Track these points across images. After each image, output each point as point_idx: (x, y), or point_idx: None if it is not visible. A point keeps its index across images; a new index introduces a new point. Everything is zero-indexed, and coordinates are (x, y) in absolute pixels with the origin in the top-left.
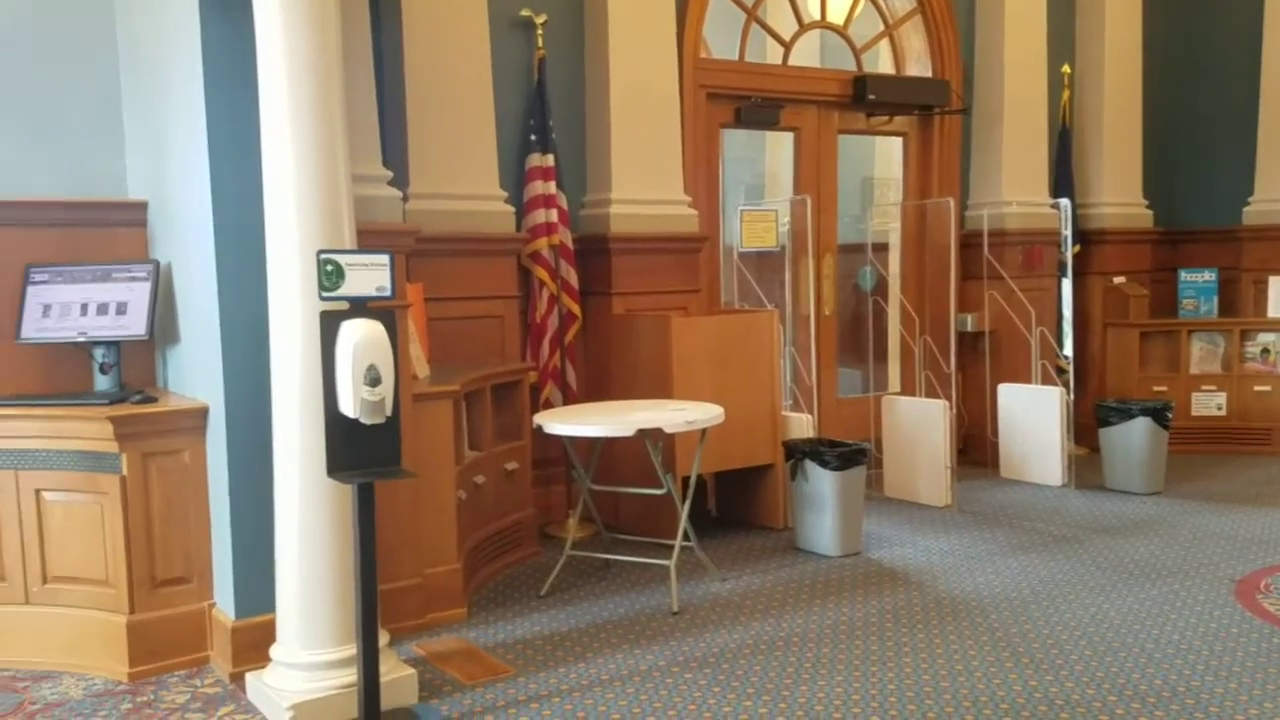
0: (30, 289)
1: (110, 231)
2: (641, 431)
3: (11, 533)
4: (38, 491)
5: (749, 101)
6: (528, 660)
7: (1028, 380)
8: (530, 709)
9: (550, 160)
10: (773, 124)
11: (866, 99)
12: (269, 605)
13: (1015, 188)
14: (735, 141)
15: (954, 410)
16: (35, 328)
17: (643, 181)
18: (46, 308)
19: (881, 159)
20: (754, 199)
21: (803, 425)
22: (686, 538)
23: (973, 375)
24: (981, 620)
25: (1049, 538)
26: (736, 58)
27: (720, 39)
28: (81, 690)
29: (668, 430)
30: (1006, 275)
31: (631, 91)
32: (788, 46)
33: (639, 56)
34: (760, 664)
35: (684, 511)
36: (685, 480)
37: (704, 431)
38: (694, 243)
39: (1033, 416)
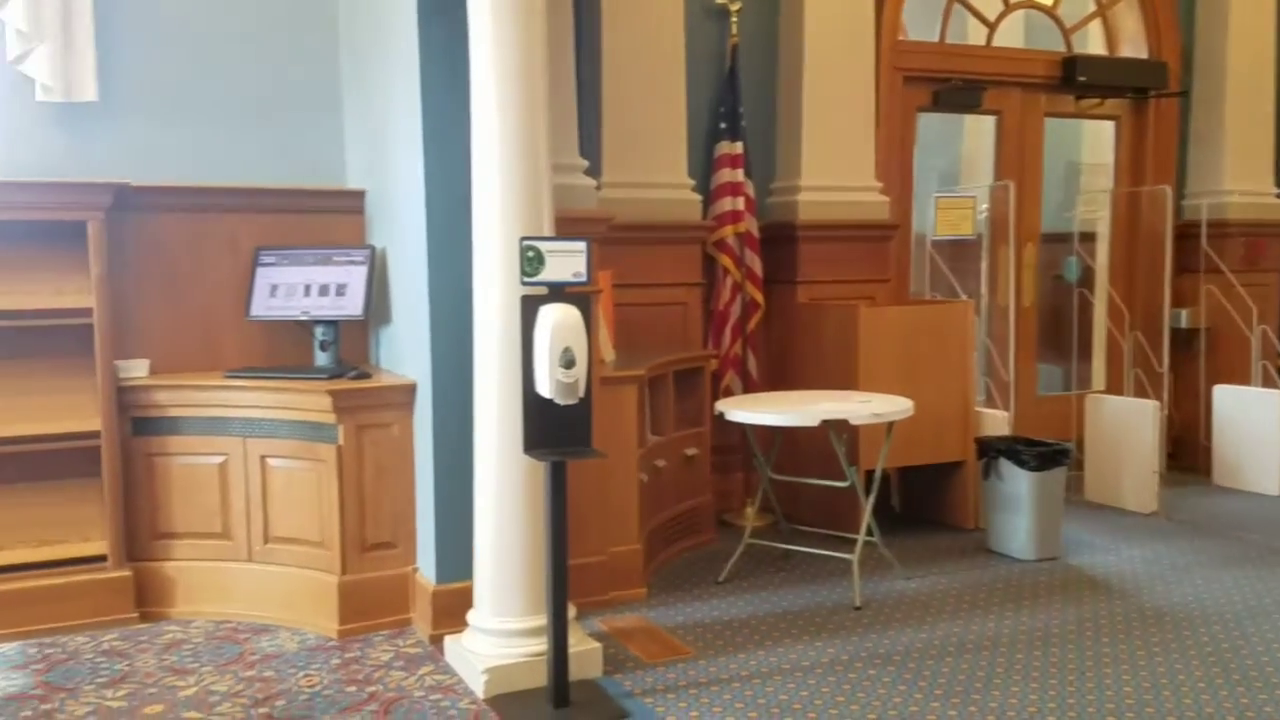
0: (259, 270)
1: (332, 218)
2: (826, 422)
3: (238, 495)
4: (263, 458)
5: (948, 84)
6: (706, 643)
7: (1246, 382)
8: (710, 691)
9: (739, 148)
10: (974, 106)
11: (1076, 81)
12: (467, 572)
13: (1238, 176)
14: (929, 126)
15: (1165, 411)
16: (263, 306)
17: (833, 168)
18: (274, 288)
19: (1090, 143)
20: (948, 186)
21: (998, 422)
22: (870, 533)
23: (1185, 375)
24: (1189, 634)
25: (1266, 550)
26: (936, 39)
27: (919, 21)
28: (296, 644)
29: (853, 422)
30: (1226, 269)
31: (825, 76)
32: (992, 27)
33: (834, 40)
34: (949, 666)
35: (868, 506)
36: (869, 474)
37: (890, 425)
38: (884, 230)
39: (1251, 420)
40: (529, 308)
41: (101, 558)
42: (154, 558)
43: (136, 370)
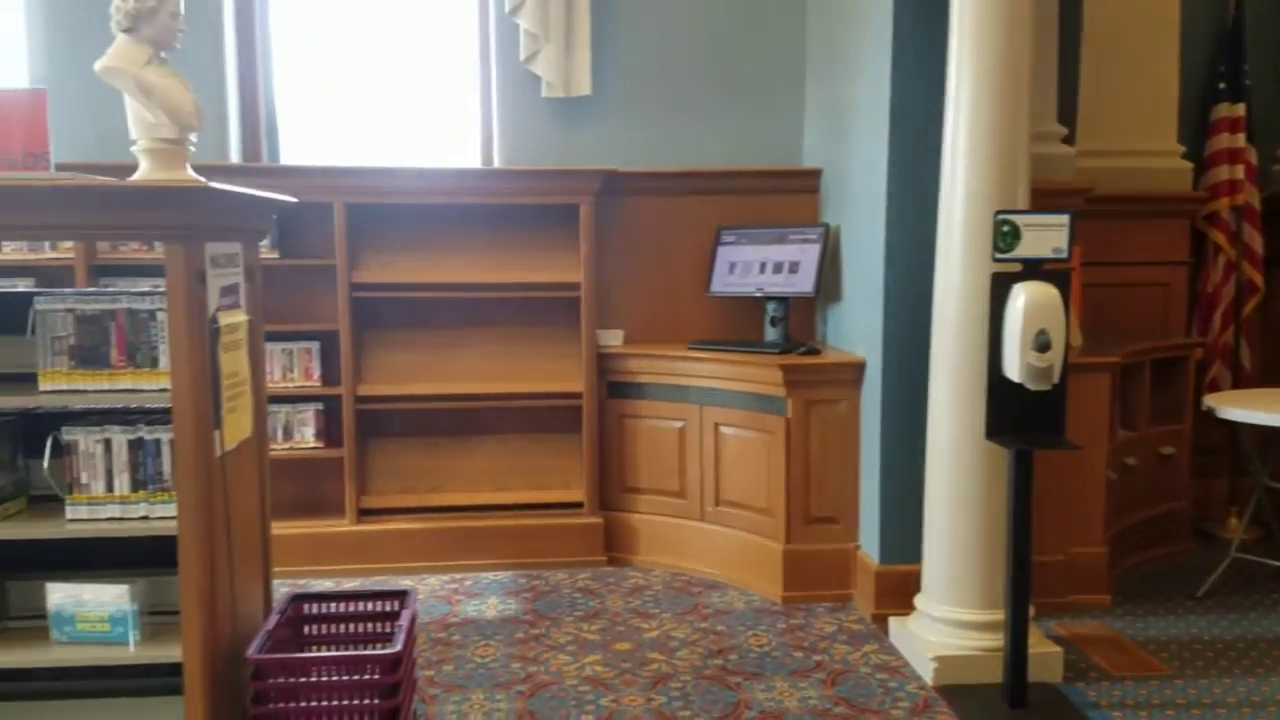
0: (720, 249)
1: (788, 198)
2: None
3: (693, 458)
4: (716, 425)
5: None
6: (1184, 662)
7: None
8: (1191, 715)
9: (1241, 110)
10: None
11: None
12: (912, 556)
13: None
14: None
15: None
16: (722, 283)
17: None
18: (732, 265)
19: None
20: None
21: None
22: None
23: None
24: None
25: None
26: None
27: None
28: (744, 603)
29: None
30: None
31: None
32: None
33: None
34: None
35: None
36: None
37: None
38: None
39: None
40: (1000, 285)
41: (579, 504)
42: (622, 508)
43: (613, 339)
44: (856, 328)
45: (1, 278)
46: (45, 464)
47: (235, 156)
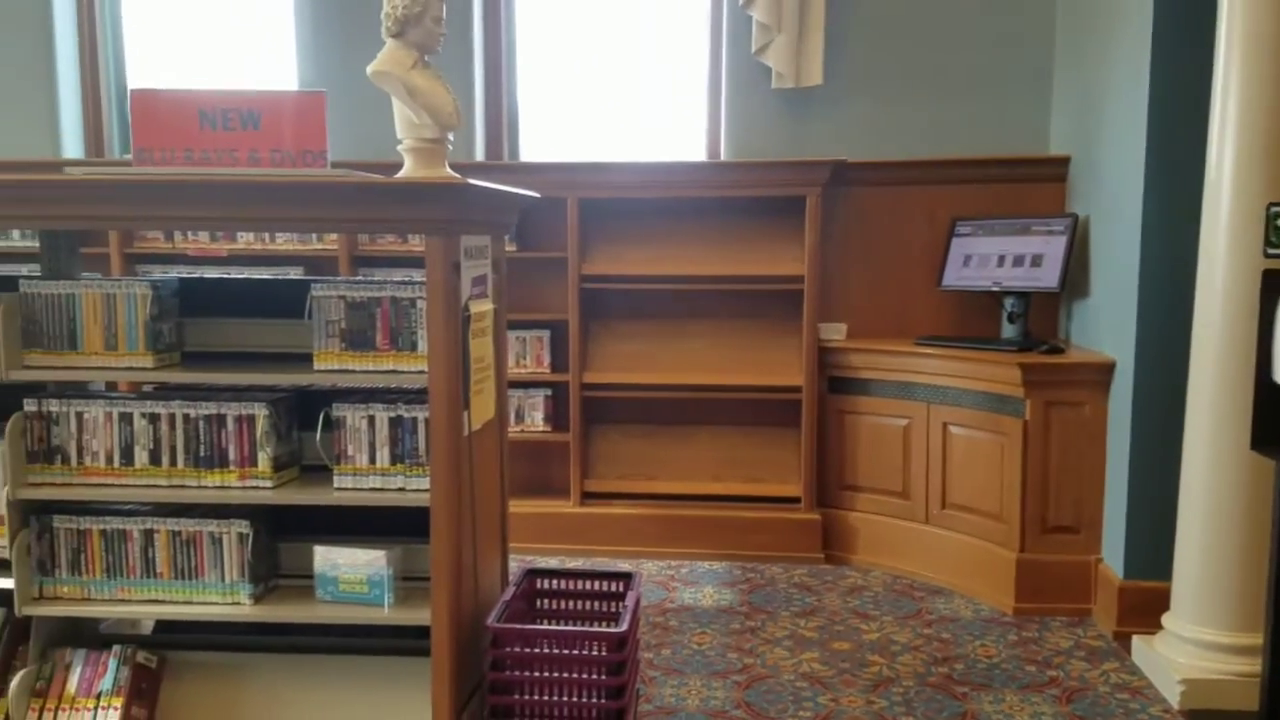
0: (955, 240)
1: (1030, 187)
2: None
3: (919, 458)
4: (945, 424)
5: None
6: None
7: None
8: None
9: None
10: None
11: None
12: (1160, 571)
13: None
14: None
15: None
16: (955, 276)
17: None
18: (967, 258)
19: None
20: None
21: None
22: None
23: None
24: None
25: None
26: None
27: None
28: (970, 612)
29: None
30: None
31: None
32: None
33: None
34: None
35: None
36: None
37: None
38: None
39: None
40: (1271, 284)
41: (796, 499)
42: (840, 506)
43: (835, 333)
44: (1106, 326)
45: (275, 266)
46: (318, 436)
47: (479, 155)
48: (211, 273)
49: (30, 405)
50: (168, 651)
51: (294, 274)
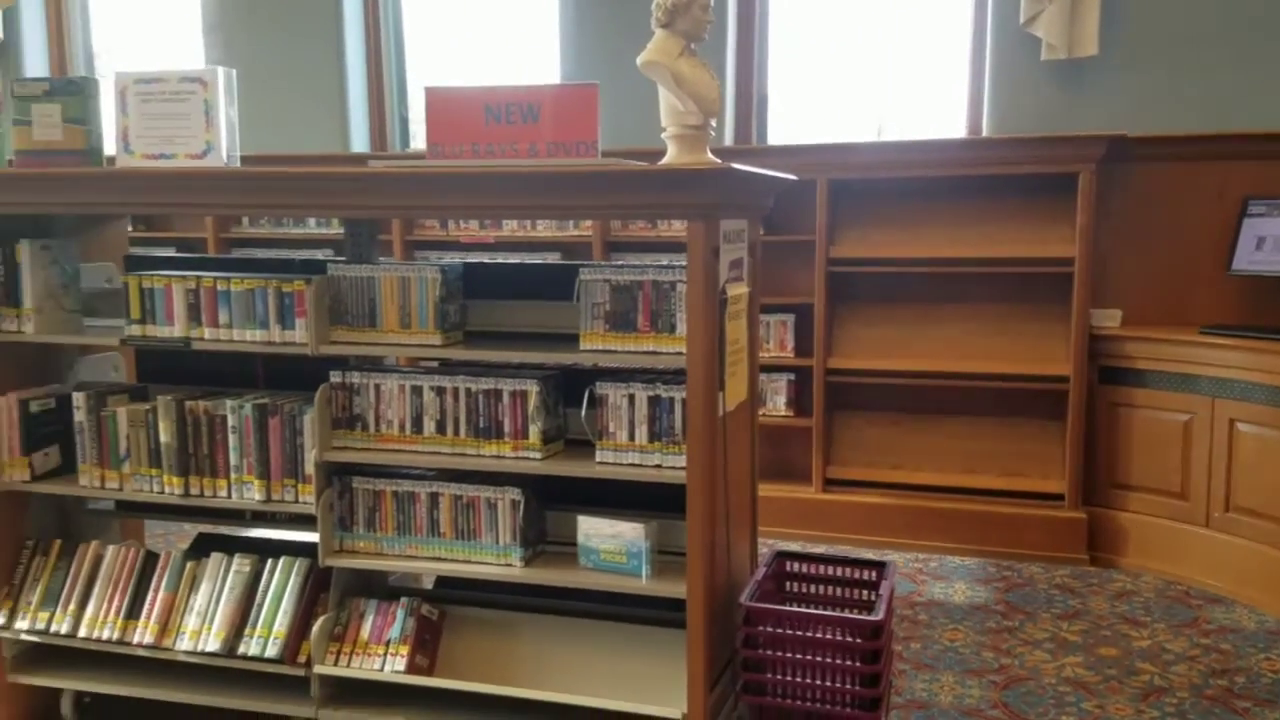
0: (1246, 221)
1: None
2: None
3: (1201, 456)
4: (1232, 422)
5: None
6: None
7: None
8: None
9: None
10: None
11: None
12: None
13: None
14: None
15: None
16: (1247, 260)
17: None
18: (1260, 240)
19: None
20: None
21: None
22: None
23: None
24: None
25: None
26: None
27: None
28: (1254, 623)
29: None
30: None
31: None
32: None
33: None
34: None
35: None
36: None
37: None
38: None
39: None
40: None
41: (1059, 496)
42: (1108, 505)
43: (1109, 320)
44: None
45: (535, 252)
46: (582, 413)
47: (728, 139)
48: (478, 258)
49: (336, 377)
50: (447, 606)
51: (552, 259)
